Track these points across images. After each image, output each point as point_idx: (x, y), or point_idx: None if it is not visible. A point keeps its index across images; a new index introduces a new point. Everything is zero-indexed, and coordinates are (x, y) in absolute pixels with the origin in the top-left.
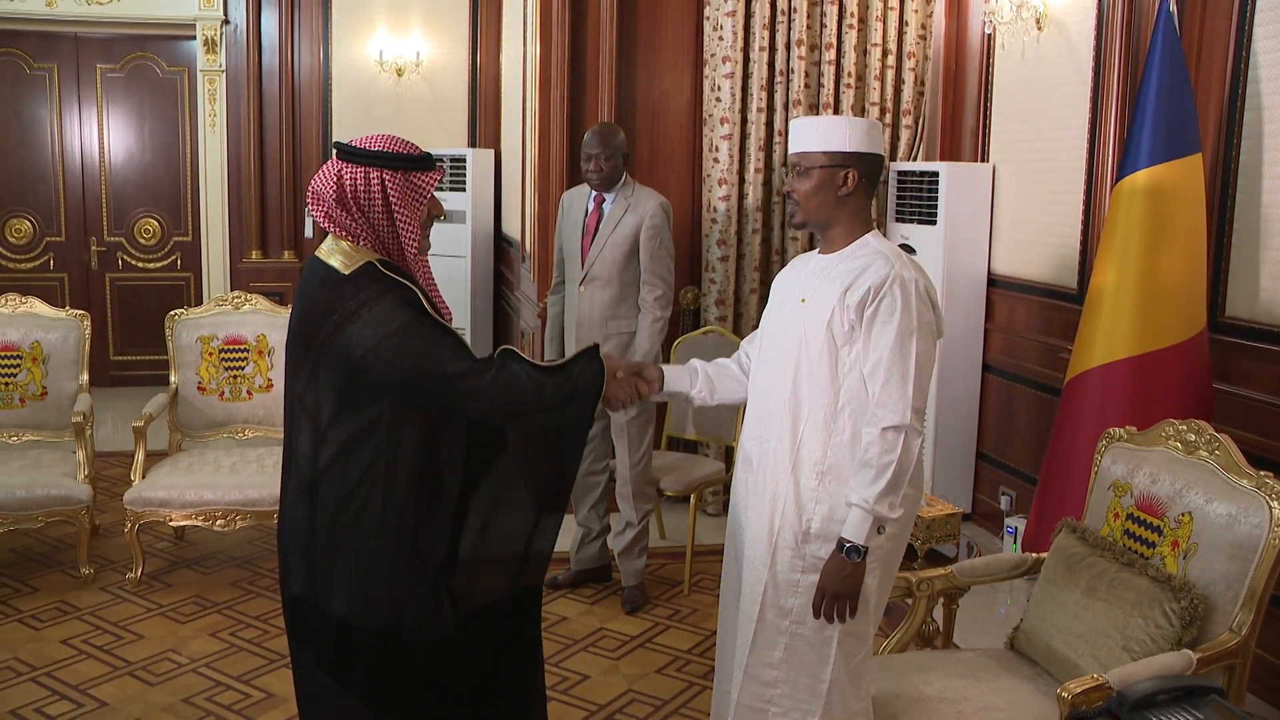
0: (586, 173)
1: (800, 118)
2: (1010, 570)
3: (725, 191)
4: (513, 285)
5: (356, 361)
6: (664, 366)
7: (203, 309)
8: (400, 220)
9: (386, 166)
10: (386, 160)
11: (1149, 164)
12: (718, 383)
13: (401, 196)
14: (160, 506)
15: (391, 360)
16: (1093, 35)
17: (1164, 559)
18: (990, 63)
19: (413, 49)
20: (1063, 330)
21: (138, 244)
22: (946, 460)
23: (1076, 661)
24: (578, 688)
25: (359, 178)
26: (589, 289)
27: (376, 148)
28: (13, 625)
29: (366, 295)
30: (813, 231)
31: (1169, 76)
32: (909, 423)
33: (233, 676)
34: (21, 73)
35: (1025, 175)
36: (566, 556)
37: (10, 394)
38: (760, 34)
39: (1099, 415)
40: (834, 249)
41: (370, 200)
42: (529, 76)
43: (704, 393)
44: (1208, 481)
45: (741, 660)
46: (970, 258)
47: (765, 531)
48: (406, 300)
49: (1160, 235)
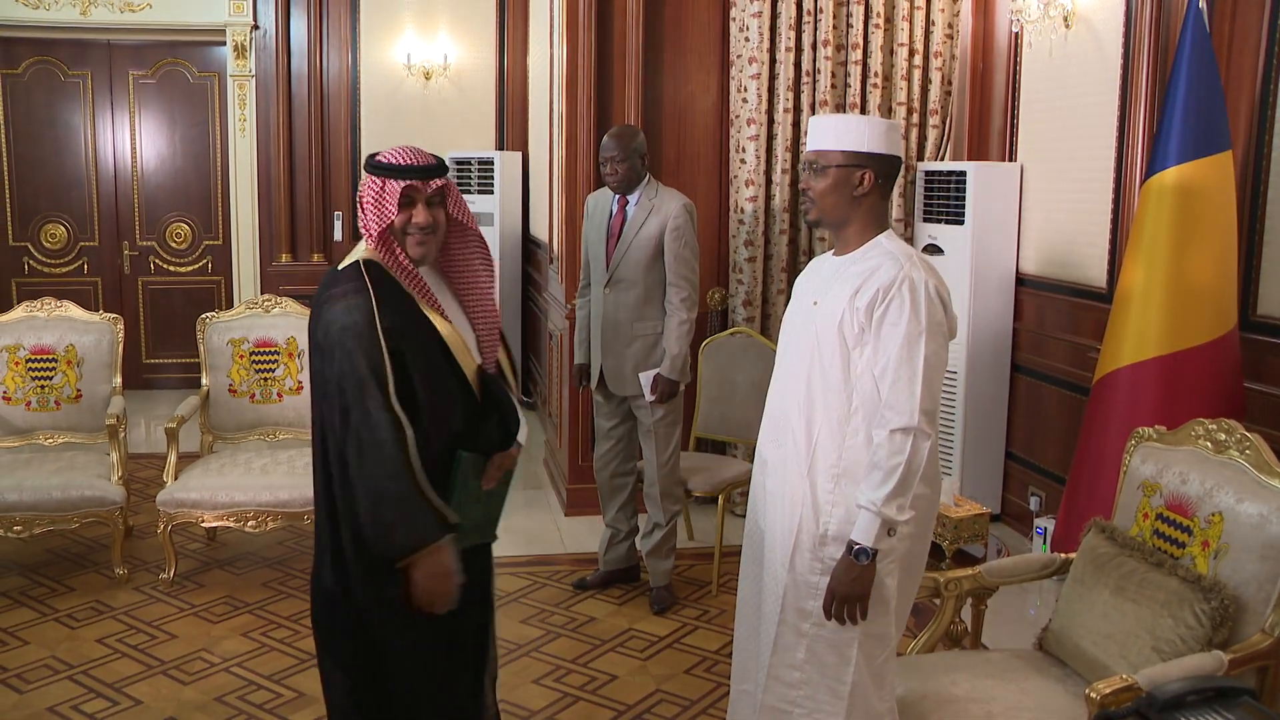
0: (605, 176)
1: (819, 115)
2: (1039, 570)
3: (752, 192)
4: (541, 287)
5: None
6: None
7: (233, 312)
8: (366, 223)
9: (368, 170)
10: (367, 165)
11: (1178, 161)
12: None
13: (373, 201)
14: (192, 508)
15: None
16: (1121, 32)
17: (1194, 559)
18: (1017, 61)
19: (440, 52)
20: (1091, 329)
21: (169, 248)
22: (975, 460)
23: (1106, 662)
24: (606, 688)
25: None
26: (614, 291)
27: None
28: (50, 624)
29: (337, 291)
30: (827, 230)
31: (1199, 73)
32: (917, 424)
33: (264, 676)
34: (56, 80)
35: (1053, 174)
36: (595, 557)
37: (46, 396)
38: (786, 34)
39: (1128, 415)
40: (847, 249)
41: (359, 201)
42: (555, 79)
43: None
44: (1238, 481)
45: (765, 661)
46: (998, 257)
47: (784, 534)
48: (357, 307)
49: (1190, 233)
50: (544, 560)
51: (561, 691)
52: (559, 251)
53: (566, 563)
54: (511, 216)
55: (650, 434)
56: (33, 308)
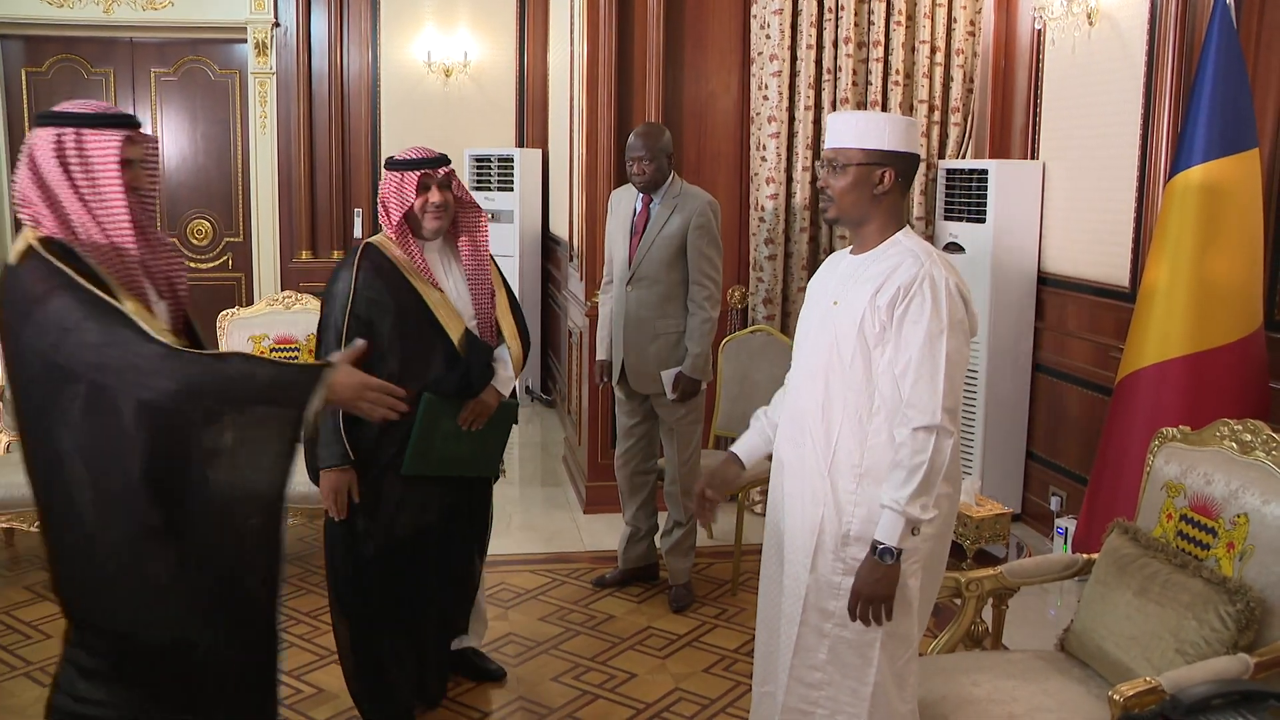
0: (632, 175)
1: (837, 112)
2: (1061, 571)
3: (773, 190)
4: (560, 284)
5: None
6: (736, 447)
7: (254, 309)
8: (389, 212)
9: (388, 169)
10: (387, 165)
11: (1204, 159)
12: None
13: (395, 191)
14: None
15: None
16: (1146, 29)
17: (1219, 561)
18: (1040, 59)
19: (460, 49)
20: (1114, 329)
21: (190, 244)
22: (996, 460)
23: (1128, 664)
24: (625, 686)
25: None
26: (636, 289)
27: None
28: None
29: (339, 264)
30: (846, 228)
31: (1225, 70)
32: (940, 422)
33: (284, 672)
34: (80, 77)
35: (1076, 172)
36: (614, 555)
37: None
38: (808, 32)
39: (1151, 415)
40: (866, 248)
41: (381, 199)
42: (576, 76)
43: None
44: (1264, 482)
45: (786, 663)
46: (1020, 256)
47: (806, 535)
48: (341, 278)
49: (1215, 232)
50: (563, 558)
51: (580, 689)
52: (579, 249)
53: (586, 560)
54: (531, 214)
55: (672, 432)
56: None
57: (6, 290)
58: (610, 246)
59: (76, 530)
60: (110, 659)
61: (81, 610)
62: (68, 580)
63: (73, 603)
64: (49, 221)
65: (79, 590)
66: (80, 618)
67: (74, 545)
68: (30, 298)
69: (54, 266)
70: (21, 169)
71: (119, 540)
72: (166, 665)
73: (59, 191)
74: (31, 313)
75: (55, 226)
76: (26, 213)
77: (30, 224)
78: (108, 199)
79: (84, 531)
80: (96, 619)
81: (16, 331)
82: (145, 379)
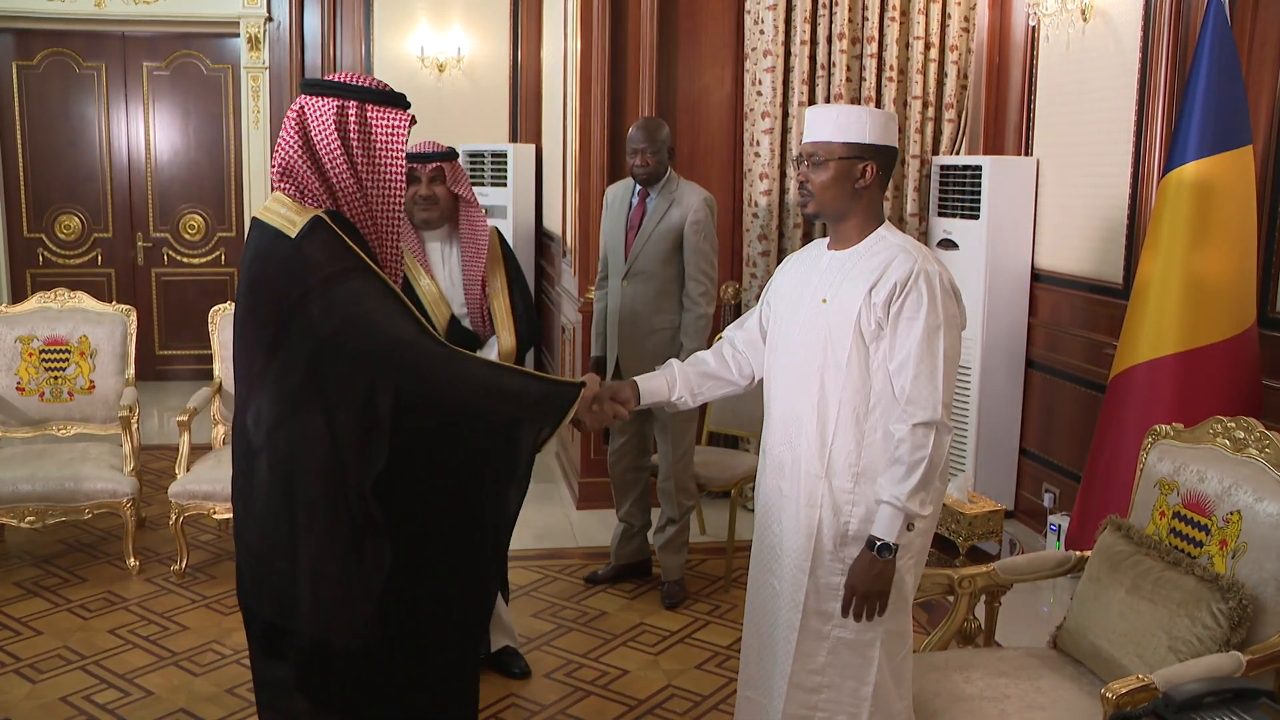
0: (633, 168)
1: (816, 106)
2: (1053, 568)
3: (766, 186)
4: (554, 280)
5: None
6: (639, 379)
7: None
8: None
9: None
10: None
11: (1197, 156)
12: (698, 385)
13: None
14: (204, 499)
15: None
16: (1140, 26)
17: (1211, 558)
18: (1034, 55)
19: (454, 45)
20: (1108, 326)
21: (183, 239)
22: (989, 457)
23: (1121, 661)
24: (617, 682)
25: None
26: (632, 284)
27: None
28: (62, 614)
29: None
30: (825, 223)
31: (1219, 67)
32: (940, 418)
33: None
34: (71, 72)
35: (1070, 168)
36: (607, 551)
37: (59, 387)
38: (801, 27)
39: (1145, 412)
40: (848, 244)
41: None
42: (570, 71)
43: (684, 397)
44: (1257, 480)
45: (785, 669)
46: (1014, 252)
47: (804, 537)
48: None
49: (1208, 228)
50: (555, 554)
51: (572, 686)
52: (572, 245)
53: (578, 557)
54: (525, 209)
55: (665, 428)
56: (46, 298)
57: (285, 261)
58: (605, 242)
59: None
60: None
61: (276, 613)
62: (258, 582)
63: (266, 608)
64: (317, 192)
65: (278, 594)
66: (274, 622)
67: (276, 537)
68: (320, 274)
69: (347, 245)
70: (289, 136)
71: (337, 535)
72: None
73: (331, 163)
74: (318, 291)
75: (324, 198)
76: (286, 184)
77: (292, 194)
78: (389, 178)
79: (292, 522)
80: (296, 624)
81: (291, 306)
82: (425, 379)
